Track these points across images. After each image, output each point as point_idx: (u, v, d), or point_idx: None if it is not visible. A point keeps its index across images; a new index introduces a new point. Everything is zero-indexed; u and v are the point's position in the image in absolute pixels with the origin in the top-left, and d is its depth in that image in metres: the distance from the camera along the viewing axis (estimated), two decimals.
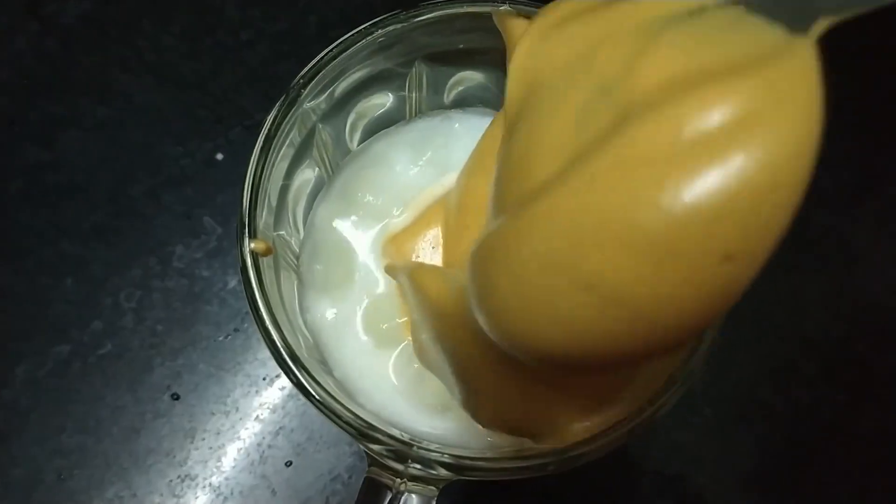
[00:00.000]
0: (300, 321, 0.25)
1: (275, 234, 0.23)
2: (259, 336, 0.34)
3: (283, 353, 0.21)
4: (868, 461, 0.33)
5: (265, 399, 0.34)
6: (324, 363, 0.25)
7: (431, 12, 0.24)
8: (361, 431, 0.21)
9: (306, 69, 0.24)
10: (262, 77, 0.40)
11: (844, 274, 0.36)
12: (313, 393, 0.21)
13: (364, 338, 0.26)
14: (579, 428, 0.21)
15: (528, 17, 0.24)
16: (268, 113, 0.38)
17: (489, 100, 0.29)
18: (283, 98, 0.23)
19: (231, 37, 0.40)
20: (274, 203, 0.24)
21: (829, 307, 0.36)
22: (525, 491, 0.34)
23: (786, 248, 0.38)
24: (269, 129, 0.23)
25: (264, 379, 0.34)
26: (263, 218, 0.23)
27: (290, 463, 0.33)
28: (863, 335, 0.35)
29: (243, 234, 0.21)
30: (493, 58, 0.26)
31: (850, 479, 0.33)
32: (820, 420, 0.34)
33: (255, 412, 0.34)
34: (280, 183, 0.24)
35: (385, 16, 0.25)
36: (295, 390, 0.34)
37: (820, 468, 0.33)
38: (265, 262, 0.22)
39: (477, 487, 0.33)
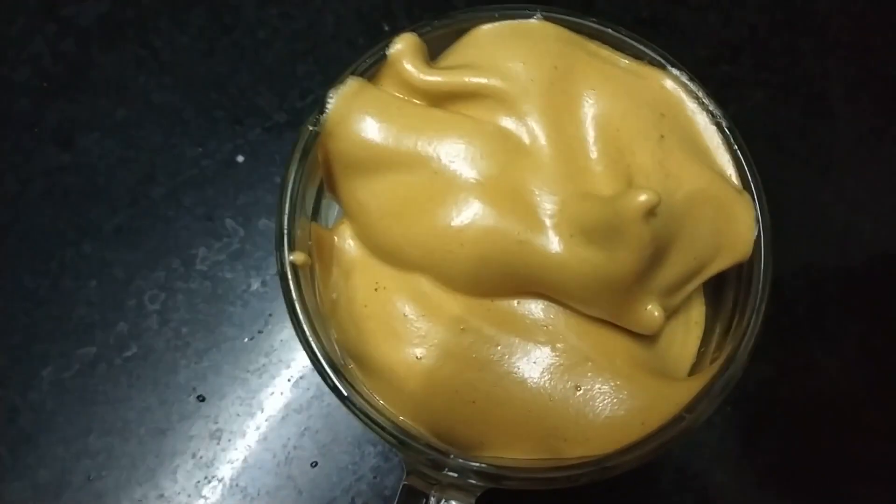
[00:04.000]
0: None
1: (310, 242, 0.23)
2: (282, 338, 0.35)
3: (324, 362, 0.21)
4: (888, 458, 0.34)
5: (290, 400, 0.34)
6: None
7: (462, 24, 0.24)
8: (399, 439, 0.22)
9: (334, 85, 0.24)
10: (279, 76, 0.40)
11: (864, 270, 0.36)
12: (353, 401, 0.21)
13: None
14: None
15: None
16: (285, 113, 0.39)
17: None
18: (317, 112, 0.23)
19: (248, 36, 0.40)
20: (309, 213, 0.24)
21: (848, 303, 0.36)
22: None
23: (805, 247, 0.39)
24: (307, 143, 0.23)
25: (289, 380, 0.34)
26: (300, 228, 0.23)
27: (316, 463, 0.33)
28: (882, 331, 0.35)
29: (282, 245, 0.22)
30: None
31: (870, 476, 0.34)
32: (840, 417, 0.34)
33: (281, 413, 0.34)
34: (315, 193, 0.24)
35: (414, 27, 0.25)
36: (319, 391, 0.34)
37: (840, 465, 0.34)
38: (302, 271, 0.23)
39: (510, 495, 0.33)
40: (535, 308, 0.23)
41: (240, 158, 0.38)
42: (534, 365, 0.22)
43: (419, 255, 0.23)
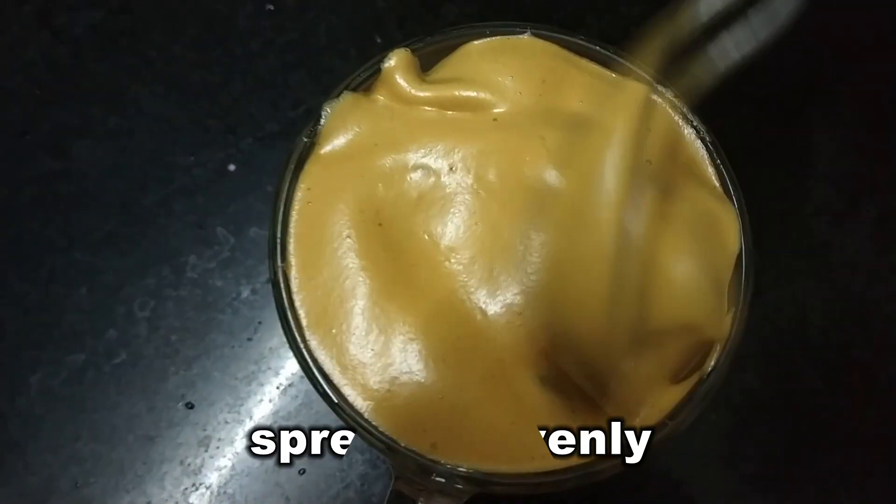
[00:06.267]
0: None
1: None
2: (272, 346, 0.35)
3: (314, 369, 0.22)
4: (869, 465, 0.34)
5: (279, 407, 0.34)
6: None
7: (454, 40, 0.25)
8: (388, 444, 0.22)
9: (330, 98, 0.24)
10: (271, 87, 0.40)
11: (846, 281, 0.37)
12: (344, 408, 0.22)
13: None
14: None
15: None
16: (277, 123, 0.39)
17: None
18: (312, 124, 0.24)
19: (241, 47, 0.41)
20: None
21: (831, 314, 0.36)
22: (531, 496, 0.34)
23: (788, 257, 0.39)
24: (301, 154, 0.23)
25: (278, 388, 0.34)
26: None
27: (304, 471, 0.33)
28: (864, 342, 0.36)
29: (275, 254, 0.22)
30: None
31: (852, 484, 0.34)
32: (822, 425, 0.35)
33: (269, 420, 0.34)
34: None
35: (407, 42, 0.25)
36: (308, 399, 0.34)
37: (822, 473, 0.34)
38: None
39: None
40: None
41: (231, 167, 0.38)
42: None
43: None
